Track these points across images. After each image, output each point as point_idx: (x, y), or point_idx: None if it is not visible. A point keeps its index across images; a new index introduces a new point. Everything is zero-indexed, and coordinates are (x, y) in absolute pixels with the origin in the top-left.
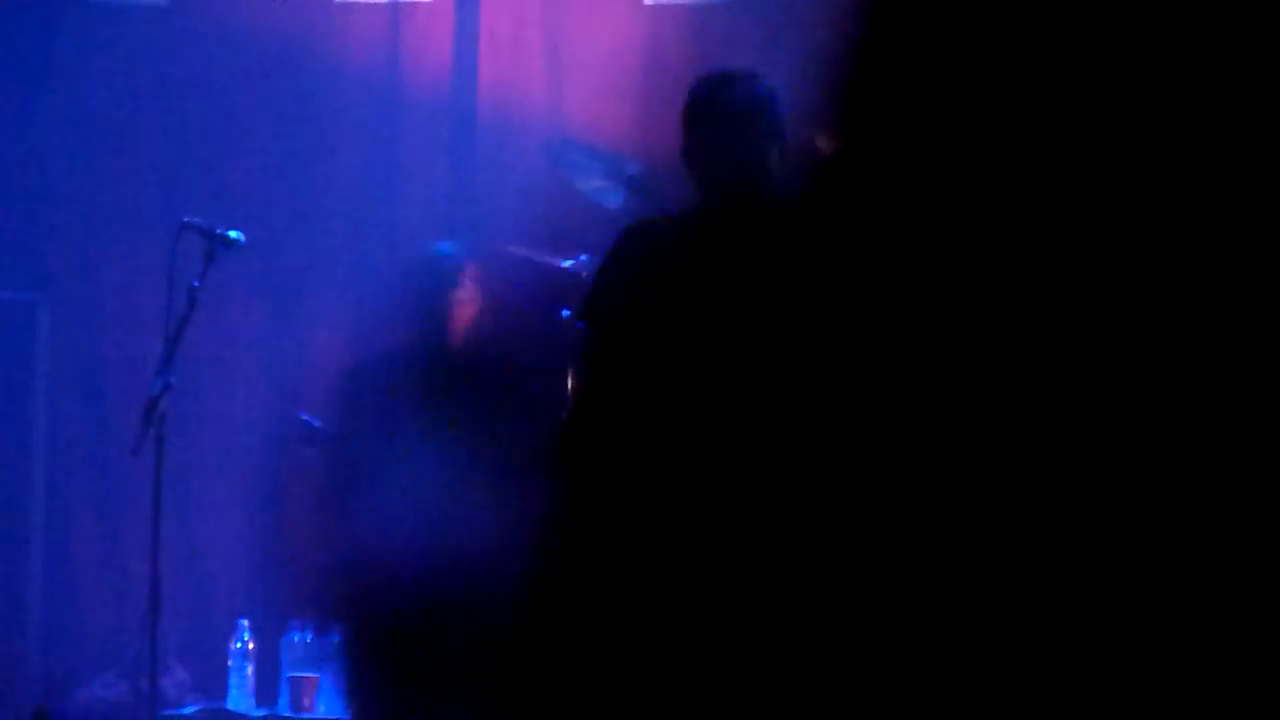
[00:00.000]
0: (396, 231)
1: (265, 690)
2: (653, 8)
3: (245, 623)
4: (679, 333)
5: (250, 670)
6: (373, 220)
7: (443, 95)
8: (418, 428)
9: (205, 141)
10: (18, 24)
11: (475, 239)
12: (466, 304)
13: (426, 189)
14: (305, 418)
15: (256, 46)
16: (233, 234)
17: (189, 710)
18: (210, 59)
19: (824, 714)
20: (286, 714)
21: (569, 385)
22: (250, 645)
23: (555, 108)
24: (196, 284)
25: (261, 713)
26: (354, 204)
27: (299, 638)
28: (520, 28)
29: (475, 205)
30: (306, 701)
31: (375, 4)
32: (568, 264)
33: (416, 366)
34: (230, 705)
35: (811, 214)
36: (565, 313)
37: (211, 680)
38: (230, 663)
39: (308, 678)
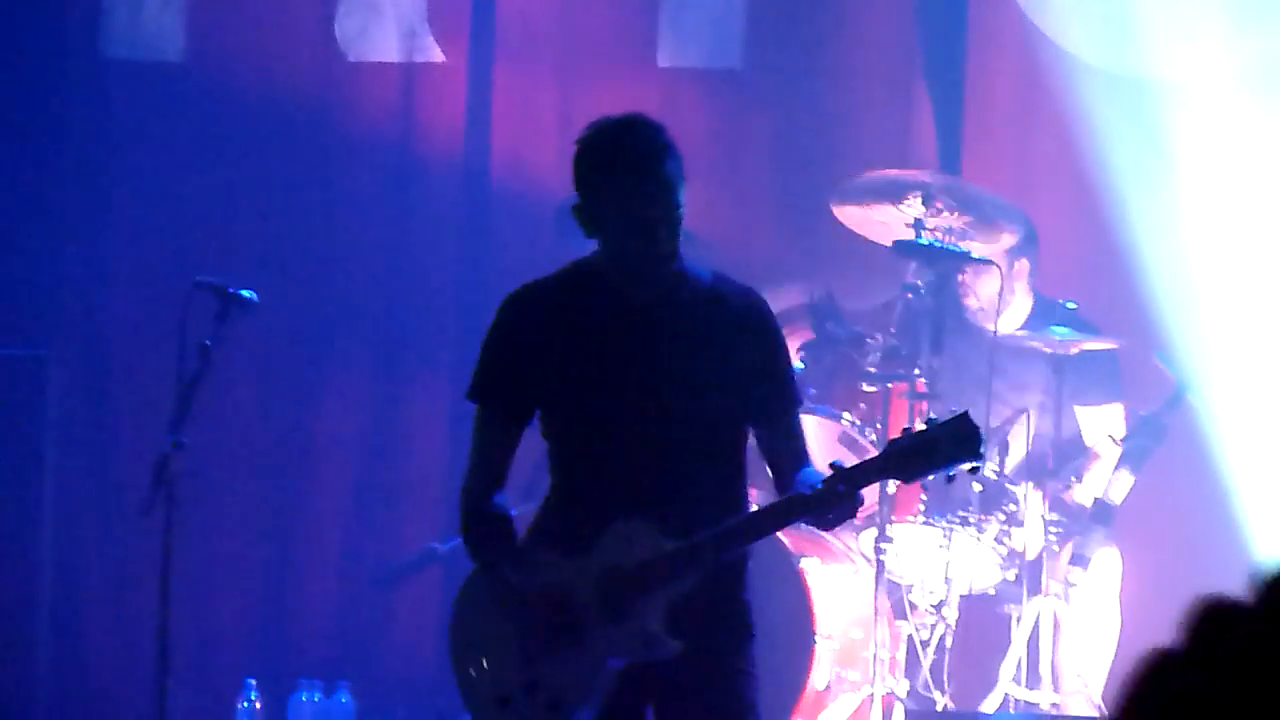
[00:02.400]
0: (410, 291)
1: None
2: (667, 71)
3: (253, 682)
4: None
5: None
6: (386, 279)
7: (456, 156)
8: None
9: (219, 199)
10: (33, 79)
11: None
12: None
13: (440, 250)
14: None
15: (271, 104)
16: (245, 293)
17: None
18: (224, 116)
19: None
20: None
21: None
22: (258, 705)
23: (569, 171)
24: (208, 342)
25: None
26: (367, 264)
27: (307, 697)
28: (533, 90)
29: (488, 267)
30: None
31: (389, 64)
32: None
33: None
34: None
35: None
36: None
37: None
38: None
39: None
